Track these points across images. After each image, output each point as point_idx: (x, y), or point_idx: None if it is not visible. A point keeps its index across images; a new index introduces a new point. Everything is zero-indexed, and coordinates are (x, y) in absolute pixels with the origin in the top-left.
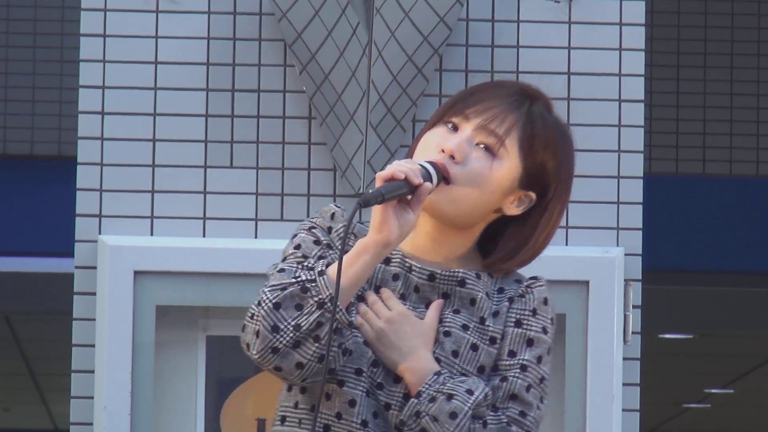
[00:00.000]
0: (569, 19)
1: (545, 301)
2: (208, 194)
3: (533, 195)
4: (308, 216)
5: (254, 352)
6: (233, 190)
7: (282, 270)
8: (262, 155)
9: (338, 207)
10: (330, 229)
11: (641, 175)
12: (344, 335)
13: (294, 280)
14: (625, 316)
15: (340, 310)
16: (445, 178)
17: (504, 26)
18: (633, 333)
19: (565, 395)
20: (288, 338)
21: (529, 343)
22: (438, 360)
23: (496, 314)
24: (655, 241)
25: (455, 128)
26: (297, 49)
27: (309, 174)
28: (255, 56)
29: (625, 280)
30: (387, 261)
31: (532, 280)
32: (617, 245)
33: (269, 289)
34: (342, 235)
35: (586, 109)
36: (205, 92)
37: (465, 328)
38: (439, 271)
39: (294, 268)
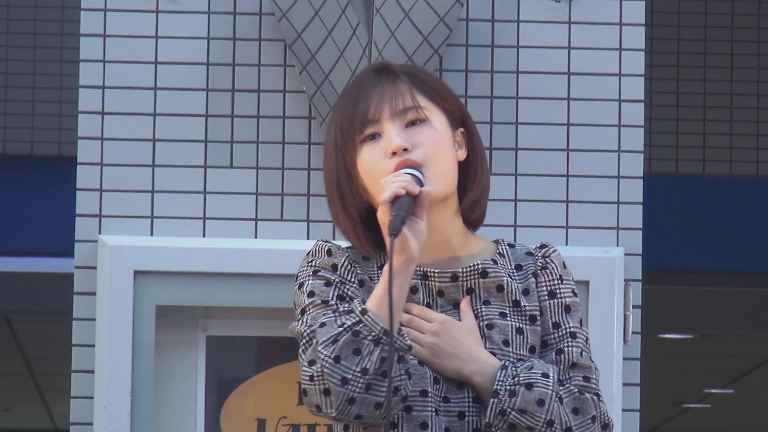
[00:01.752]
0: (569, 19)
1: (564, 265)
2: (208, 194)
3: (462, 129)
4: (316, 241)
5: (331, 411)
6: (233, 190)
7: (323, 324)
8: (262, 155)
9: (326, 242)
10: (335, 266)
11: (641, 175)
12: (407, 361)
13: (341, 329)
14: (625, 316)
15: (398, 338)
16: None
17: (504, 26)
18: (633, 333)
19: None
20: (360, 385)
21: (567, 309)
22: (494, 354)
23: (526, 292)
24: (655, 241)
25: (378, 135)
26: (297, 49)
27: (309, 174)
28: (255, 56)
29: (625, 280)
30: None
31: (544, 249)
32: (617, 245)
33: (322, 346)
34: (351, 269)
35: (586, 109)
36: (205, 92)
37: (503, 315)
38: (460, 270)
39: (334, 318)
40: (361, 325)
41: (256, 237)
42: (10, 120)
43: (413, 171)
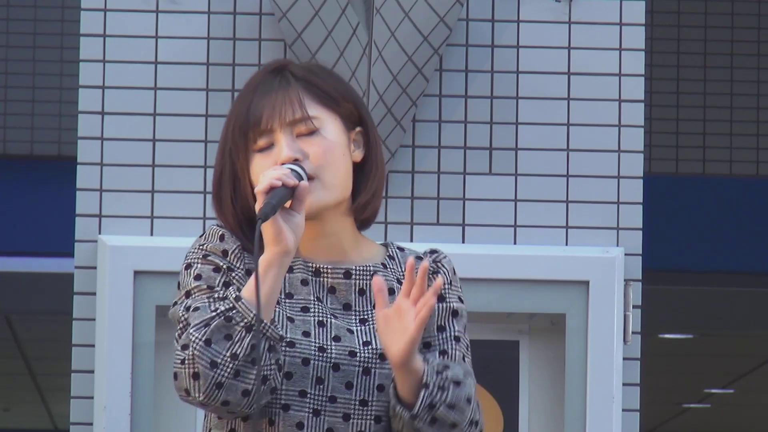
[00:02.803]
0: (569, 19)
1: (454, 271)
2: (208, 194)
3: (360, 129)
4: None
5: (198, 395)
6: None
7: (197, 308)
8: None
9: (221, 227)
10: (225, 252)
11: (641, 175)
12: (278, 351)
13: (214, 313)
14: (625, 316)
15: (270, 326)
16: (308, 176)
17: (504, 26)
18: (633, 333)
19: (565, 395)
20: (228, 369)
21: (454, 314)
22: (383, 356)
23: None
24: (655, 241)
25: (270, 145)
26: (297, 49)
27: None
28: (255, 56)
29: (625, 280)
30: (290, 269)
31: (435, 254)
32: (617, 245)
33: (194, 329)
34: (241, 256)
35: (586, 109)
36: (205, 92)
37: None
38: (354, 267)
39: (208, 303)
40: (234, 312)
41: None
42: (10, 120)
43: (293, 166)
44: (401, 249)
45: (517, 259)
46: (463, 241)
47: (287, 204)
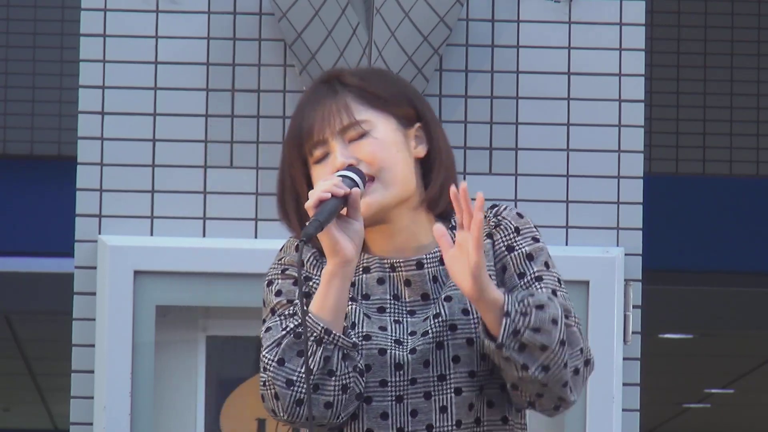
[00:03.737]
0: (569, 19)
1: (520, 216)
2: (208, 194)
3: (420, 125)
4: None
5: (282, 414)
6: (233, 190)
7: (269, 329)
8: (262, 155)
9: (297, 239)
10: (302, 263)
11: (641, 175)
12: (354, 358)
13: (284, 332)
14: (625, 316)
15: (339, 336)
16: (367, 176)
17: (504, 26)
18: (633, 333)
19: None
20: (305, 386)
21: (530, 257)
22: (454, 325)
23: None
24: (655, 241)
25: (326, 155)
26: (297, 49)
27: None
28: (255, 56)
29: (625, 280)
30: (366, 270)
31: (495, 209)
32: (617, 245)
33: (266, 351)
34: (317, 264)
35: (586, 109)
36: (205, 92)
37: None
38: (424, 256)
39: (279, 321)
40: (302, 328)
41: (256, 237)
42: (10, 120)
43: (347, 173)
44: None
45: None
46: None
47: (343, 212)
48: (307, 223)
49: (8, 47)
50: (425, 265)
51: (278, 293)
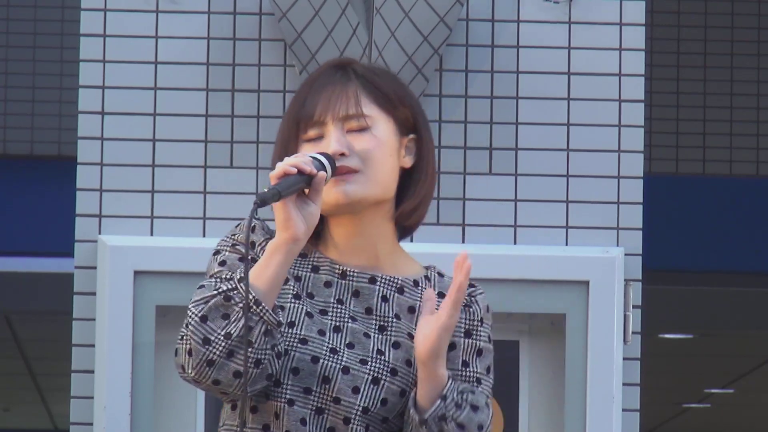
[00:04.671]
0: (569, 19)
1: (488, 309)
2: (208, 194)
3: (414, 136)
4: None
5: (190, 371)
6: (233, 190)
7: (202, 286)
8: (262, 155)
9: (257, 219)
10: (253, 243)
11: (641, 175)
12: (275, 337)
13: (216, 292)
14: (625, 316)
15: (267, 310)
16: (352, 169)
17: (504, 26)
18: (633, 333)
19: (565, 395)
20: (221, 348)
21: (479, 353)
22: (395, 371)
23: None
24: (655, 241)
25: (320, 137)
26: (297, 49)
27: None
28: (255, 56)
29: (625, 280)
30: (315, 269)
31: (471, 288)
32: (617, 245)
33: (192, 305)
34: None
35: (586, 109)
36: (205, 92)
37: (410, 336)
38: (380, 275)
39: (213, 282)
40: (234, 292)
41: None
42: (10, 120)
43: (319, 156)
44: (441, 275)
45: (517, 259)
46: (463, 242)
47: (306, 191)
48: (265, 189)
49: (8, 47)
50: (377, 282)
51: (222, 263)
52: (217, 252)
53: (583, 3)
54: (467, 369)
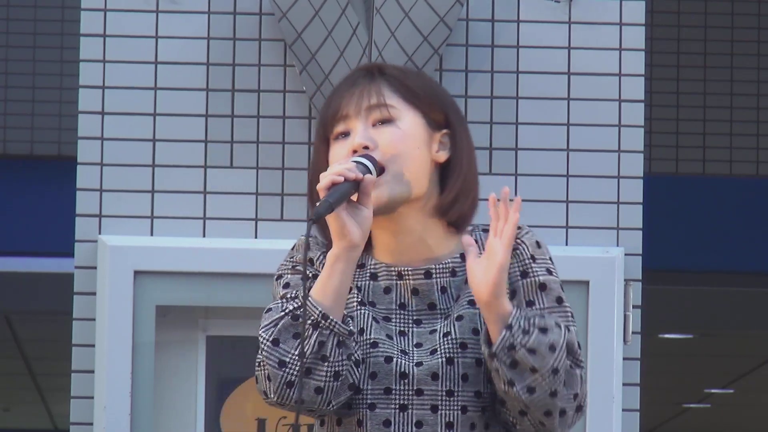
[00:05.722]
0: (569, 19)
1: (538, 245)
2: (208, 194)
3: (447, 131)
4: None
5: (272, 395)
6: (233, 190)
7: (269, 310)
8: (262, 155)
9: (311, 236)
10: (311, 260)
11: (641, 175)
12: (349, 347)
13: (283, 314)
14: (625, 316)
15: (336, 322)
16: (380, 167)
17: (504, 26)
18: (633, 333)
19: None
20: (297, 368)
21: (542, 287)
22: (464, 344)
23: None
24: (655, 241)
25: (347, 133)
26: (297, 49)
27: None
28: (255, 56)
29: (625, 280)
30: (374, 276)
31: (516, 231)
32: (617, 245)
33: (263, 330)
34: (324, 261)
35: (586, 109)
36: (205, 92)
37: (471, 303)
38: (434, 267)
39: (279, 304)
40: (301, 310)
41: (256, 237)
42: (10, 120)
43: (362, 159)
44: (486, 230)
45: None
46: None
47: (354, 197)
48: (317, 203)
49: (8, 47)
50: (434, 275)
51: (286, 285)
52: (279, 277)
53: (583, 3)
54: (534, 308)
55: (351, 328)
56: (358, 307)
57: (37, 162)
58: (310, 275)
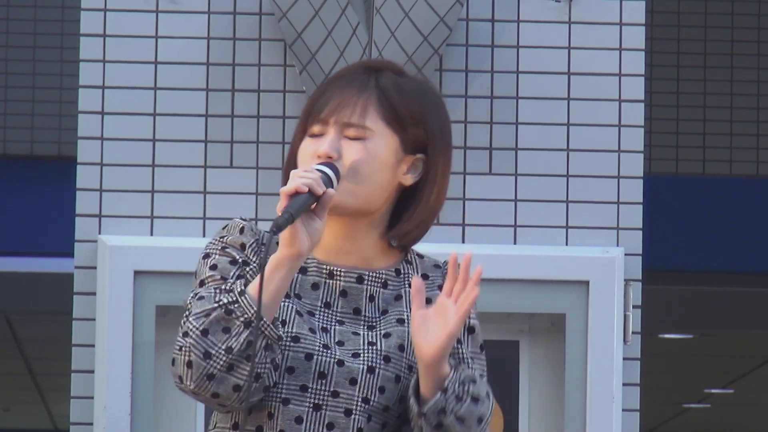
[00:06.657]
0: (569, 19)
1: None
2: (208, 194)
3: (422, 156)
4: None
5: (189, 383)
6: (233, 190)
7: (201, 297)
8: (262, 155)
9: (244, 220)
10: (243, 245)
11: (641, 175)
12: (275, 351)
13: (216, 305)
14: (625, 316)
15: (268, 325)
16: (341, 176)
17: (504, 26)
18: (633, 333)
19: (565, 395)
20: (221, 362)
21: (471, 331)
22: (388, 357)
23: (428, 301)
24: (655, 241)
25: (321, 135)
26: (297, 49)
27: None
28: (255, 56)
29: (625, 280)
30: (303, 270)
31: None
32: (617, 245)
33: (194, 317)
34: (258, 251)
35: (586, 109)
36: (205, 92)
37: (401, 321)
38: (367, 272)
39: (213, 293)
40: (235, 305)
41: None
42: (10, 120)
43: (326, 169)
44: (420, 256)
45: (517, 259)
46: (463, 241)
47: (312, 206)
48: (278, 213)
49: (8, 47)
50: (365, 281)
51: (213, 267)
52: (206, 255)
53: (583, 3)
54: (461, 347)
55: (280, 333)
56: (282, 299)
57: (37, 162)
58: (240, 260)
